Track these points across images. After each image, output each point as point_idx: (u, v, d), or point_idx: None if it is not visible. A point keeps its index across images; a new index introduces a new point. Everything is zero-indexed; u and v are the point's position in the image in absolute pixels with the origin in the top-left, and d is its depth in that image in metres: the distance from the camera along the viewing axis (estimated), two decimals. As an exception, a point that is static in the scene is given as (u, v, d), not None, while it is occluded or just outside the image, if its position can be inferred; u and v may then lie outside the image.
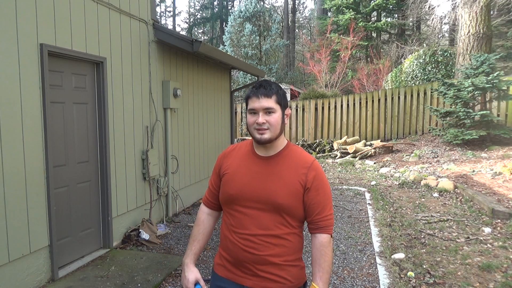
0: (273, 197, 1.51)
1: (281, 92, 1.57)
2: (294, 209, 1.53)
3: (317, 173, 1.56)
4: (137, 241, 4.48)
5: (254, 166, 1.59)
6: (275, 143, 1.58)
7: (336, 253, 4.16)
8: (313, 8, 38.98)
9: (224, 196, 1.62)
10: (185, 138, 6.03)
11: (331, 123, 12.81)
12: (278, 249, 1.52)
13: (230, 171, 1.62)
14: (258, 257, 1.51)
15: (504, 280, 3.41)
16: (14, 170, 3.13)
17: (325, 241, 1.54)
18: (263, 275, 1.52)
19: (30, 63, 3.26)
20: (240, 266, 1.56)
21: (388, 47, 22.36)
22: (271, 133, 1.52)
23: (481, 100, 9.96)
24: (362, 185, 7.66)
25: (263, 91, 1.52)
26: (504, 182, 6.59)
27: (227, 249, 1.60)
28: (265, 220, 1.52)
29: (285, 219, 1.53)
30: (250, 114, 1.55)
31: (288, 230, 1.54)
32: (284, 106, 1.58)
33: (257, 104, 1.52)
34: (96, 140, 4.18)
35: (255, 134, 1.54)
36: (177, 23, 48.23)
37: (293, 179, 1.53)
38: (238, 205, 1.56)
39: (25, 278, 3.25)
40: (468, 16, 11.60)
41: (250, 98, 1.55)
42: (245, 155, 1.64)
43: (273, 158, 1.59)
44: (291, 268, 1.55)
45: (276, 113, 1.53)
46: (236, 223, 1.56)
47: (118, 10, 4.39)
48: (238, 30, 19.26)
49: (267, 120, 1.51)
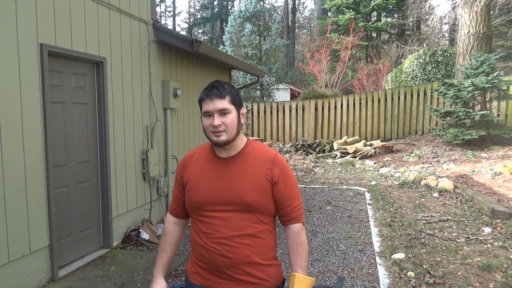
0: (241, 196, 1.49)
1: (234, 91, 1.55)
2: (264, 206, 1.52)
3: (281, 167, 1.56)
4: (137, 241, 4.48)
5: (217, 168, 1.56)
6: (234, 143, 1.55)
7: (336, 253, 4.16)
8: (313, 8, 39.01)
9: (191, 203, 1.57)
10: (185, 138, 6.03)
11: (331, 123, 12.81)
12: (253, 249, 1.50)
13: (193, 178, 1.58)
14: (234, 260, 1.48)
15: (504, 280, 3.41)
16: (14, 170, 3.13)
17: (298, 229, 1.57)
18: (242, 278, 1.50)
19: (30, 63, 3.26)
20: (216, 272, 1.52)
21: (388, 47, 22.36)
22: (228, 134, 1.50)
23: (481, 100, 9.96)
24: (362, 185, 7.66)
25: (215, 92, 1.49)
26: (504, 182, 6.59)
27: (200, 256, 1.55)
28: (236, 221, 1.50)
29: (257, 216, 1.52)
30: (205, 117, 1.52)
31: (261, 227, 1.53)
32: (239, 106, 1.55)
33: (211, 106, 1.48)
34: (96, 140, 4.18)
35: (212, 137, 1.51)
36: (177, 23, 48.27)
37: (258, 176, 1.52)
38: (207, 210, 1.53)
39: (25, 278, 3.25)
40: (468, 16, 11.60)
41: (204, 100, 1.51)
42: (206, 159, 1.60)
43: (235, 158, 1.56)
44: (268, 268, 1.54)
45: (231, 113, 1.51)
46: (207, 229, 1.52)
47: (118, 10, 4.39)
48: (238, 30, 19.25)
49: (223, 122, 1.49)
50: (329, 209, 5.92)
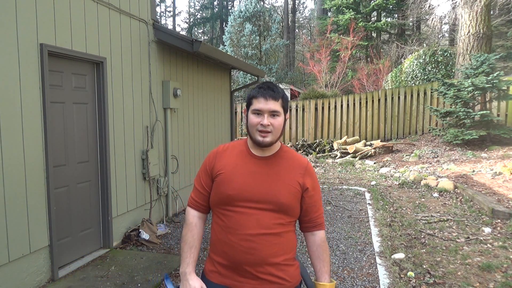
0: (276, 196, 1.52)
1: (285, 96, 1.59)
2: (293, 209, 1.56)
3: (313, 175, 1.64)
4: (137, 241, 4.48)
5: (252, 166, 1.57)
6: (273, 145, 1.59)
7: (336, 253, 4.16)
8: (313, 8, 39.00)
9: (220, 196, 1.55)
10: (185, 138, 6.03)
11: (331, 123, 12.81)
12: (277, 248, 1.53)
13: (226, 171, 1.57)
14: (258, 257, 1.50)
15: (504, 280, 3.41)
16: (14, 170, 3.13)
17: (324, 236, 1.65)
18: (262, 277, 1.51)
19: (30, 63, 3.26)
20: (238, 270, 1.52)
21: (388, 47, 22.36)
22: (273, 136, 1.53)
23: (481, 100, 9.96)
24: (362, 185, 7.66)
25: (271, 93, 1.52)
26: (504, 182, 6.59)
27: (222, 253, 1.54)
28: (265, 219, 1.51)
29: (284, 218, 1.54)
30: (253, 115, 1.53)
31: (285, 228, 1.56)
32: (286, 111, 1.60)
33: (264, 106, 1.51)
34: (96, 140, 4.18)
35: (257, 136, 1.52)
36: (177, 23, 48.25)
37: (292, 180, 1.56)
38: (236, 206, 1.52)
39: (25, 278, 3.25)
40: (468, 16, 11.60)
41: (256, 98, 1.53)
42: (240, 155, 1.61)
43: (271, 158, 1.59)
44: (289, 267, 1.56)
45: (280, 116, 1.55)
46: (234, 224, 1.51)
47: (118, 10, 4.39)
48: (238, 30, 19.25)
49: (272, 123, 1.51)
50: (329, 209, 5.92)
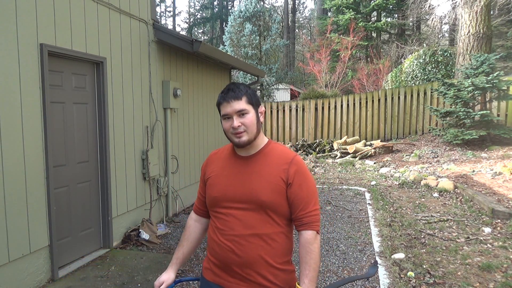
0: (256, 195, 1.50)
1: (250, 91, 1.57)
2: (278, 206, 1.51)
3: (298, 168, 1.54)
4: (137, 241, 4.48)
5: (236, 166, 1.59)
6: (255, 143, 1.58)
7: (336, 253, 4.16)
8: (313, 8, 39.01)
9: (209, 199, 1.62)
10: (185, 138, 6.03)
11: (331, 123, 12.80)
12: (265, 250, 1.50)
13: (213, 175, 1.63)
14: (245, 259, 1.49)
15: (504, 280, 3.41)
16: (14, 170, 3.13)
17: (310, 237, 1.51)
18: (252, 279, 1.50)
19: (30, 63, 3.26)
20: (227, 270, 1.54)
21: (388, 47, 22.37)
22: (249, 134, 1.52)
23: (481, 100, 9.96)
24: (362, 185, 7.66)
25: (232, 94, 1.52)
26: (504, 182, 6.59)
27: (214, 252, 1.58)
28: (250, 219, 1.51)
29: (271, 217, 1.52)
30: (224, 120, 1.54)
31: (275, 229, 1.52)
32: (256, 105, 1.57)
33: (229, 109, 1.51)
34: (96, 140, 4.18)
35: (234, 139, 1.53)
36: (177, 23, 48.26)
37: (274, 175, 1.52)
38: (222, 207, 1.56)
39: (25, 278, 3.25)
40: (468, 16, 11.59)
41: (221, 104, 1.54)
42: (227, 157, 1.64)
43: (254, 156, 1.58)
44: (280, 272, 1.53)
45: (250, 113, 1.53)
46: (222, 225, 1.55)
47: (118, 10, 4.39)
48: (238, 30, 19.24)
49: (242, 123, 1.51)
50: (329, 209, 5.92)
